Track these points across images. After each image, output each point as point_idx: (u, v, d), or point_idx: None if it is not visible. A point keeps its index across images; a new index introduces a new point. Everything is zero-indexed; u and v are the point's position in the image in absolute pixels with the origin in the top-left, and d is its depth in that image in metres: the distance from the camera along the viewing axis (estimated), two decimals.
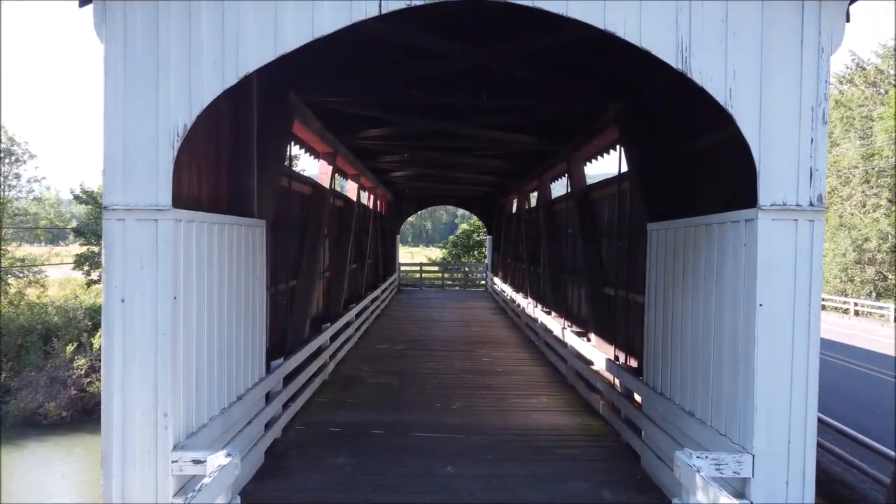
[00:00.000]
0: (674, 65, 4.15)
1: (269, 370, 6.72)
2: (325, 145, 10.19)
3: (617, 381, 7.45)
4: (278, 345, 7.97)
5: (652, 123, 6.98)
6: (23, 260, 29.03)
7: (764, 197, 4.15)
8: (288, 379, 7.40)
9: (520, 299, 16.14)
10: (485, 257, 33.77)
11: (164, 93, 4.13)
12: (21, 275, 27.35)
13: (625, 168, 7.97)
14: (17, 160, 30.94)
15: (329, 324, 10.10)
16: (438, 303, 22.36)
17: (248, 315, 5.75)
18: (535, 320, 13.24)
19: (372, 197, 17.91)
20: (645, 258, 6.59)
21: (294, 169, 10.10)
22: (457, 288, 30.57)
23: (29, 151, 31.71)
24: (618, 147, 7.97)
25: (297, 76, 7.59)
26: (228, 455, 4.09)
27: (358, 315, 13.63)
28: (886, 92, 33.10)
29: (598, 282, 9.43)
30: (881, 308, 27.97)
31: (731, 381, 4.45)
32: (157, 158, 4.11)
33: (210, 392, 4.83)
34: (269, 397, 6.70)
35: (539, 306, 14.12)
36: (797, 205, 4.13)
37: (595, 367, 8.47)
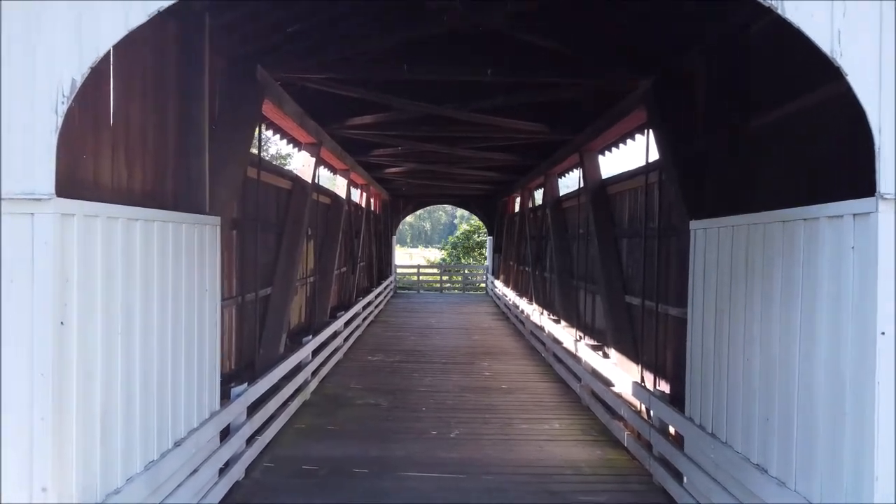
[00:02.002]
0: None
1: (229, 399, 5.55)
2: (307, 134, 9.00)
3: (645, 409, 6.27)
4: (245, 366, 6.79)
5: (692, 100, 5.81)
6: None
7: (885, 182, 2.96)
8: (255, 407, 6.22)
9: (524, 305, 14.95)
10: (485, 259, 32.59)
11: (46, 35, 2.94)
12: None
13: (653, 156, 6.79)
14: None
15: (311, 337, 8.91)
16: (437, 307, 21.16)
17: (192, 335, 4.55)
18: (542, 329, 12.05)
19: (364, 195, 16.71)
20: (681, 263, 5.43)
21: (290, 168, 8.95)
22: (456, 291, 29.36)
23: None
24: (646, 132, 6.78)
25: (266, 49, 6.42)
26: None
27: (347, 323, 12.42)
28: None
29: (617, 290, 8.24)
30: None
31: (831, 433, 3.25)
32: (34, 127, 2.92)
33: (128, 442, 3.63)
34: (228, 431, 5.52)
35: (546, 314, 12.94)
36: None
37: (616, 390, 7.29)
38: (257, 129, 6.86)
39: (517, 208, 19.23)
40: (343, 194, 12.82)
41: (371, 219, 18.58)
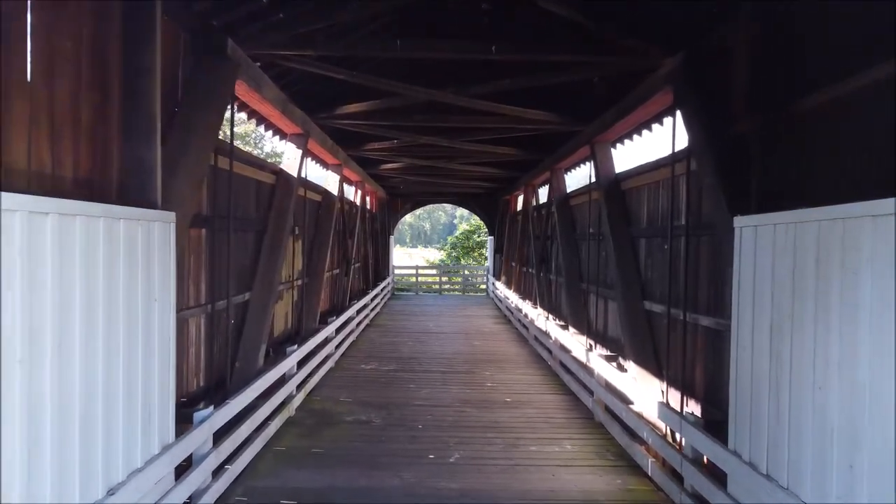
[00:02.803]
0: None
1: (192, 424, 4.74)
2: (292, 123, 8.18)
3: (671, 432, 5.46)
4: (217, 384, 5.97)
5: (729, 78, 5.00)
6: None
7: None
8: (226, 431, 5.41)
9: (527, 309, 14.13)
10: (485, 260, 31.75)
11: None
12: None
13: (680, 144, 5.98)
14: None
15: (296, 346, 8.09)
16: (436, 310, 20.32)
17: (136, 355, 3.73)
18: (548, 335, 11.24)
19: (359, 192, 15.89)
20: (715, 266, 4.64)
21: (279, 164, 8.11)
22: (456, 293, 28.51)
23: None
24: (673, 117, 5.96)
25: (238, 21, 5.60)
26: None
27: (340, 329, 11.60)
28: None
29: (634, 295, 7.42)
30: None
31: None
32: None
33: (35, 494, 2.82)
34: (191, 463, 4.71)
35: (552, 318, 12.13)
36: None
37: (636, 408, 6.48)
38: (232, 114, 6.04)
39: (520, 206, 18.41)
40: (335, 191, 11.99)
41: (366, 218, 17.76)
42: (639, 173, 7.65)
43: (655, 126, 7.93)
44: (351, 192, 15.83)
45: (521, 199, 18.28)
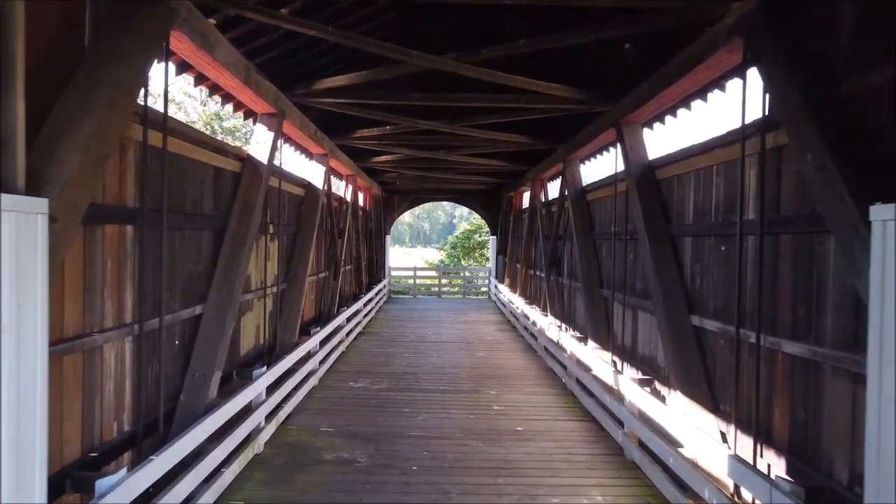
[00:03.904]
0: None
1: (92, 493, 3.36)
2: (261, 100, 6.79)
3: (751, 499, 4.08)
4: (147, 429, 4.57)
5: (833, 15, 3.62)
6: None
7: None
8: (158, 491, 4.02)
9: (535, 316, 12.73)
10: (487, 260, 30.36)
11: None
12: None
13: (749, 115, 4.58)
14: None
15: (265, 368, 6.70)
16: (435, 315, 18.91)
17: None
18: (561, 348, 9.86)
19: (350, 187, 14.48)
20: (806, 276, 3.26)
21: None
22: (456, 296, 27.07)
23: None
24: (743, 77, 4.57)
25: None
26: None
27: (326, 340, 10.22)
28: None
29: (678, 307, 6.03)
30: None
31: None
32: None
33: None
34: None
35: (567, 329, 10.77)
36: None
37: (689, 453, 5.09)
38: (165, 75, 4.65)
39: (526, 204, 17.04)
40: (321, 185, 10.59)
41: (359, 215, 16.36)
42: (683, 157, 6.25)
43: (694, 105, 6.55)
44: (341, 188, 14.44)
45: (527, 195, 16.90)
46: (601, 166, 10.49)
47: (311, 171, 10.71)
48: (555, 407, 8.54)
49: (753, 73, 4.69)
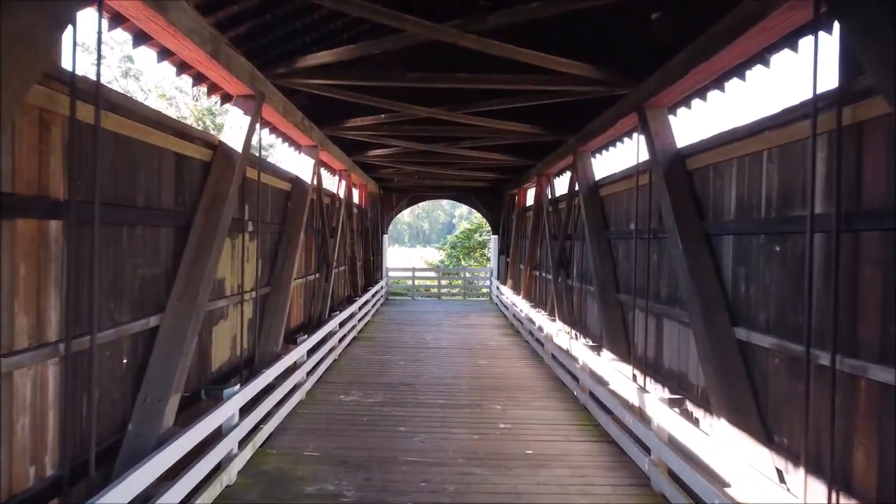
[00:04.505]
0: None
1: None
2: (234, 77, 5.91)
3: None
4: (73, 472, 3.69)
5: None
6: None
7: None
8: None
9: (541, 320, 11.86)
10: (488, 261, 29.48)
11: None
12: None
13: (816, 85, 3.70)
14: None
15: (238, 387, 5.82)
16: (434, 318, 18.02)
17: None
18: (572, 357, 8.98)
19: (343, 183, 13.59)
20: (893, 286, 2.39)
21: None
22: (457, 297, 26.15)
23: None
24: (815, 35, 3.69)
25: None
26: None
27: (314, 349, 9.35)
28: None
29: (718, 318, 5.15)
30: None
31: None
32: None
33: None
34: None
35: (578, 336, 9.90)
36: None
37: (741, 496, 4.21)
38: (98, 34, 3.82)
39: (530, 201, 16.17)
40: (310, 179, 9.71)
41: (353, 213, 15.47)
42: (721, 143, 5.37)
43: (728, 86, 5.66)
44: (335, 185, 13.55)
45: (531, 192, 16.04)
46: (611, 161, 9.60)
47: (301, 167, 9.82)
48: (567, 424, 7.66)
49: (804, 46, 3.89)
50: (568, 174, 12.26)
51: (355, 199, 16.25)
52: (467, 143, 11.76)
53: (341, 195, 13.36)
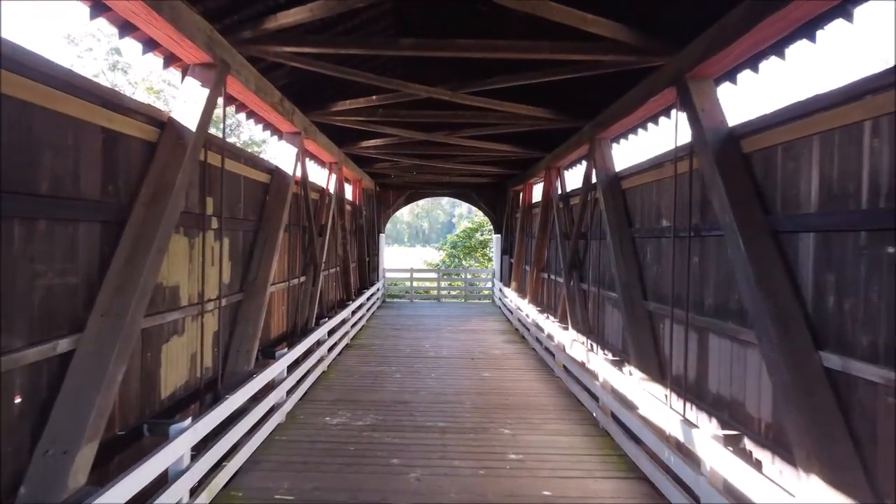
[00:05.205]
0: None
1: None
2: (188, 42, 4.79)
3: None
4: None
5: None
6: None
7: None
8: None
9: (552, 328, 10.72)
10: (490, 261, 28.35)
11: None
12: None
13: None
14: None
15: (189, 421, 4.68)
16: (433, 322, 16.88)
17: None
18: (591, 373, 7.86)
19: (334, 177, 12.45)
20: None
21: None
22: (457, 300, 24.99)
23: None
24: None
25: None
26: None
27: (295, 365, 8.21)
28: None
29: (799, 341, 4.01)
30: None
31: None
32: None
33: None
34: None
35: (596, 348, 8.79)
36: None
37: None
38: None
39: (537, 197, 15.03)
40: (293, 171, 8.57)
41: (346, 210, 14.33)
42: (795, 117, 4.24)
43: (791, 50, 4.56)
44: (323, 177, 12.42)
45: (538, 188, 14.91)
46: (625, 152, 8.47)
47: (285, 158, 8.69)
48: (588, 454, 6.54)
49: None
50: (580, 167, 11.16)
51: (348, 195, 15.12)
52: (470, 130, 10.62)
53: (331, 190, 12.22)
